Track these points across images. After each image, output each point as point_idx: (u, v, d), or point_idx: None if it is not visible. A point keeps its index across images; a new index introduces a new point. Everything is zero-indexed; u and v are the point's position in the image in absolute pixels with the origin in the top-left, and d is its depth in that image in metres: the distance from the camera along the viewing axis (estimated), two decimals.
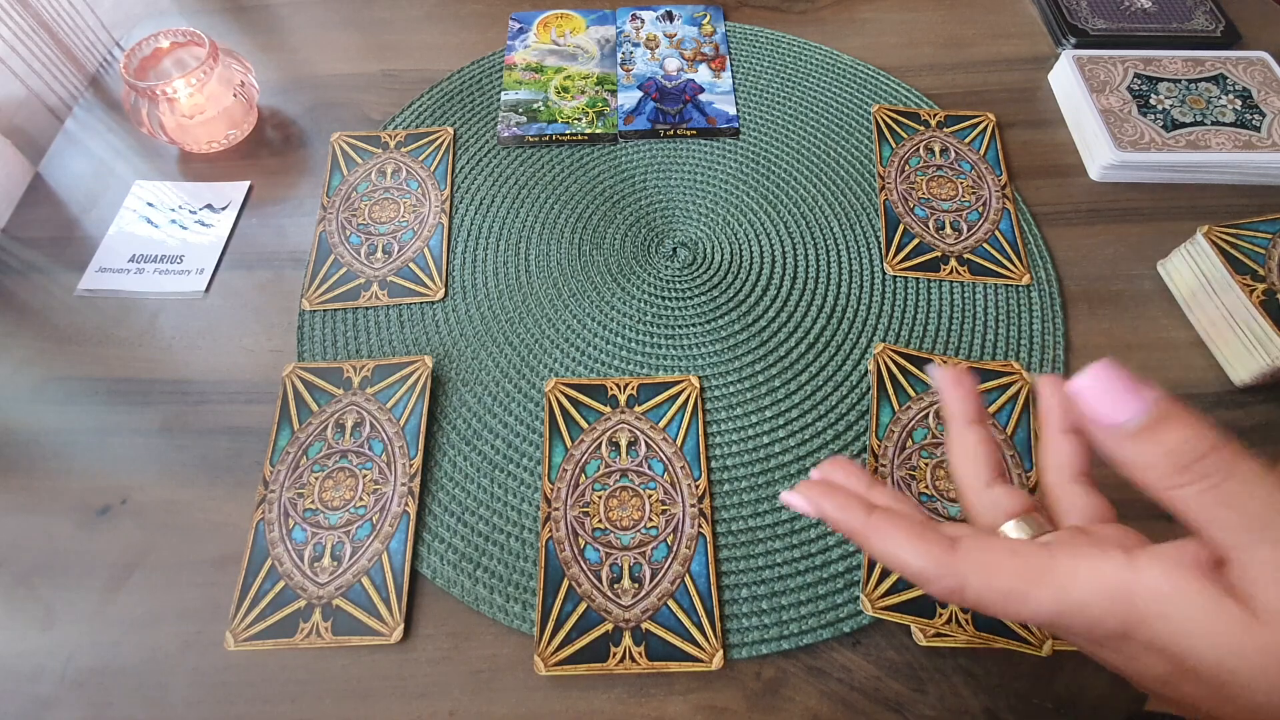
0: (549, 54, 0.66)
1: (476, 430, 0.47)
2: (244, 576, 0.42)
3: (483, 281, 0.53)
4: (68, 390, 0.49)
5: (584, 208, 0.57)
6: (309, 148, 0.61)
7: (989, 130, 0.60)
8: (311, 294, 0.52)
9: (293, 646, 0.40)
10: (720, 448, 0.46)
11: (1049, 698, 0.38)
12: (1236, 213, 0.54)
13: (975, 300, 0.52)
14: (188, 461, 0.46)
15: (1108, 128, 0.56)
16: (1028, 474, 0.44)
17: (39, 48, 0.64)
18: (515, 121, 0.61)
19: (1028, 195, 0.57)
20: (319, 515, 0.43)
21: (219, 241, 0.55)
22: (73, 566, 0.43)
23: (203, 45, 0.57)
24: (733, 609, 0.41)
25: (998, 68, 0.65)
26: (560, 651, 0.39)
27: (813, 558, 0.43)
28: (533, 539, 0.43)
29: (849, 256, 0.54)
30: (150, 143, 0.61)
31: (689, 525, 0.43)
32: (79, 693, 0.39)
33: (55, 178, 0.59)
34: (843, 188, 0.57)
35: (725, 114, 0.62)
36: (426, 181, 0.58)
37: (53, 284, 0.54)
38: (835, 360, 0.49)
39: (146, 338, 0.51)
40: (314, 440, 0.46)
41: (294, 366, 0.49)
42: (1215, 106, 0.58)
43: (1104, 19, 0.66)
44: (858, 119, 0.61)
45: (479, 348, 0.50)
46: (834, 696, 0.39)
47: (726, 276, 0.53)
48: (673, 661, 0.39)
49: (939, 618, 0.40)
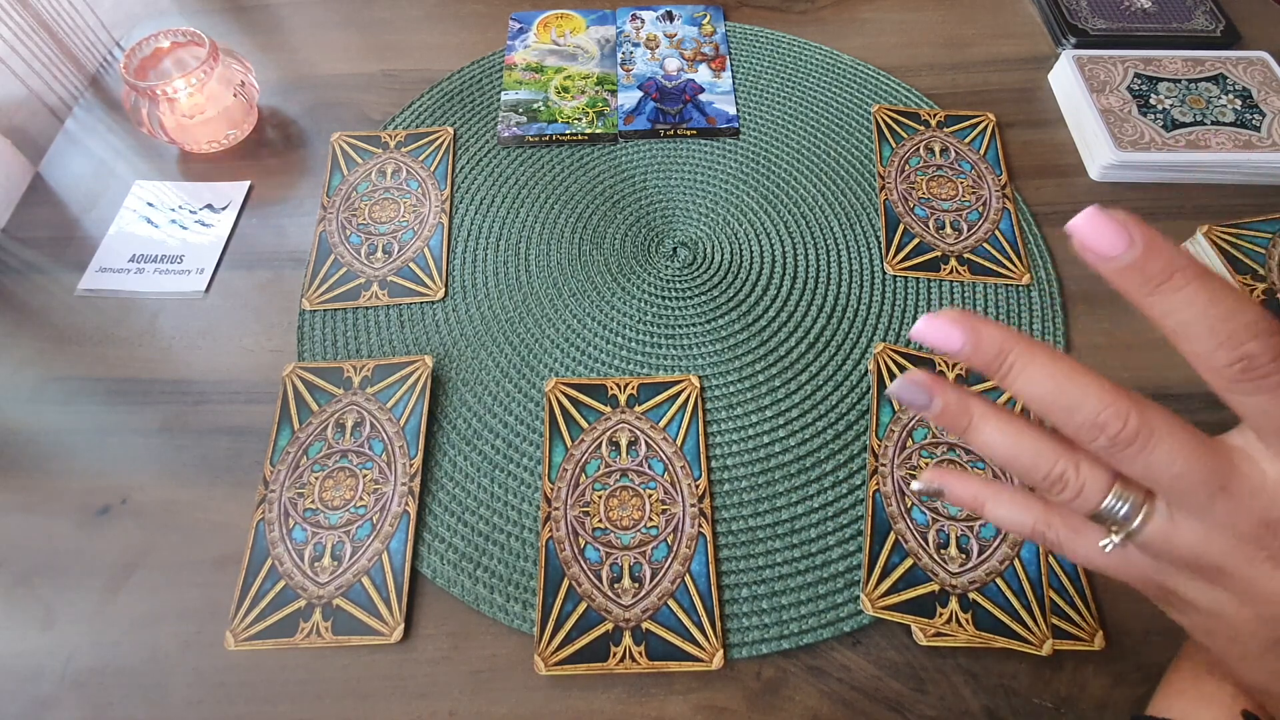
0: (549, 54, 0.66)
1: (476, 430, 0.47)
2: (244, 576, 0.42)
3: (483, 281, 0.53)
4: (68, 390, 0.49)
5: (584, 208, 0.57)
6: (309, 148, 0.61)
7: (989, 130, 0.60)
8: (311, 294, 0.52)
9: (293, 646, 0.40)
10: (720, 447, 0.46)
11: (1049, 698, 0.38)
12: (1236, 213, 0.54)
13: (975, 300, 0.52)
14: (188, 461, 0.46)
15: (1108, 127, 0.56)
16: None
17: (39, 48, 0.64)
18: (515, 121, 0.61)
19: (1028, 195, 0.57)
20: (319, 515, 0.43)
21: (219, 241, 0.55)
22: (73, 566, 0.43)
23: (203, 45, 0.57)
24: (733, 609, 0.41)
25: (998, 68, 0.65)
26: (560, 651, 0.39)
27: (813, 558, 0.43)
28: (533, 539, 0.43)
29: (849, 256, 0.54)
30: (150, 143, 0.61)
31: (689, 525, 0.43)
32: (79, 693, 0.39)
33: (55, 178, 0.59)
34: (843, 188, 0.57)
35: (725, 114, 0.62)
36: (426, 181, 0.58)
37: (53, 284, 0.54)
38: (835, 360, 0.49)
39: (146, 338, 0.51)
40: (314, 440, 0.46)
41: (294, 366, 0.49)
42: (1215, 106, 0.58)
43: (1104, 19, 0.66)
44: (858, 119, 0.61)
45: (479, 348, 0.50)
46: (834, 696, 0.39)
47: (726, 276, 0.53)
48: (673, 661, 0.39)
49: (939, 617, 0.40)
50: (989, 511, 0.26)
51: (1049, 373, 0.21)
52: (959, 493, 0.26)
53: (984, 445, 0.23)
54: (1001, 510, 0.26)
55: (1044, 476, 0.22)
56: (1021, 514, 0.25)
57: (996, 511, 0.26)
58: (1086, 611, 0.40)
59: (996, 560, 0.41)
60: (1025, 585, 0.40)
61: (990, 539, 0.42)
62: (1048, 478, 0.22)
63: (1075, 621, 0.40)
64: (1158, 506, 0.22)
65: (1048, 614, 0.40)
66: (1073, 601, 0.40)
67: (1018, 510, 0.25)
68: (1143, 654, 0.39)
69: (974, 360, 0.22)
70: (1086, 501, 0.22)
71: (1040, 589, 0.40)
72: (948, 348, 0.22)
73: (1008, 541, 0.42)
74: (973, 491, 0.26)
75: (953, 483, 0.26)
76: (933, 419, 0.24)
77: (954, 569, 0.41)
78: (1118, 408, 0.20)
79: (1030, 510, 0.25)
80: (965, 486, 0.26)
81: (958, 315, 0.22)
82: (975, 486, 0.26)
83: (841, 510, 0.44)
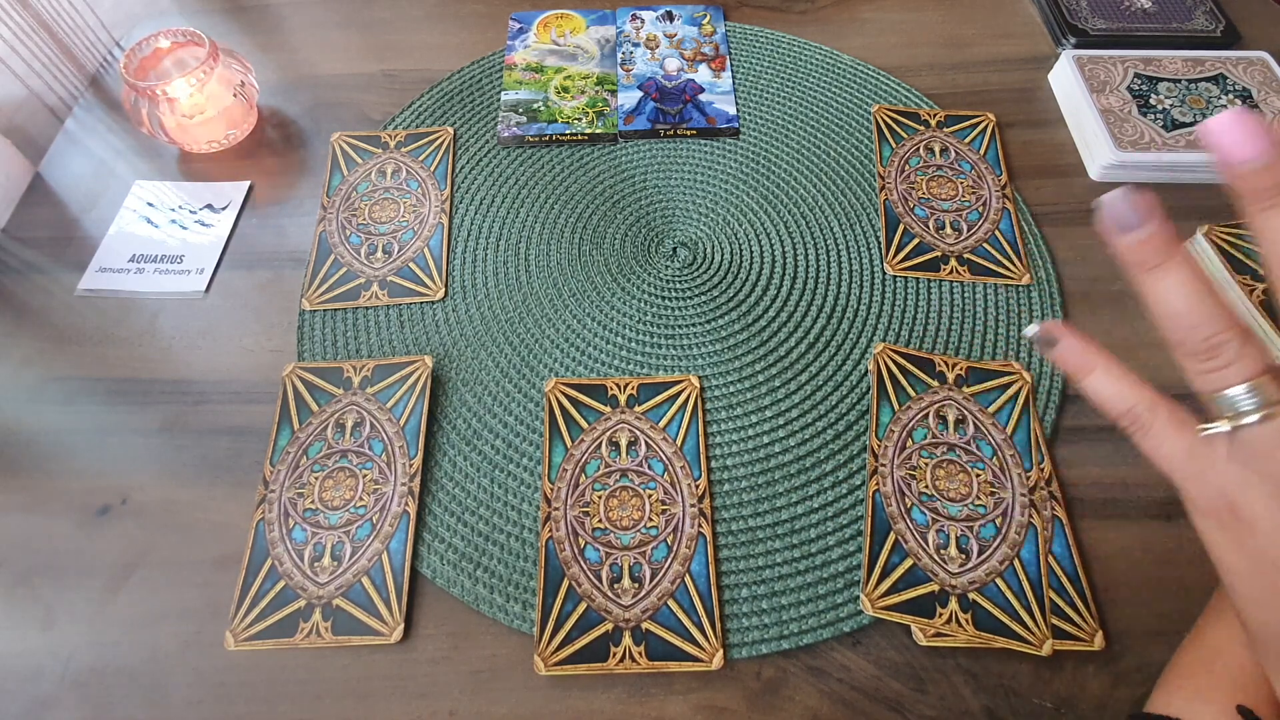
0: (549, 54, 0.66)
1: (476, 430, 0.47)
2: (244, 576, 0.42)
3: (483, 281, 0.53)
4: (68, 390, 0.49)
5: (584, 208, 0.57)
6: (309, 148, 0.61)
7: (989, 130, 0.60)
8: (311, 294, 0.52)
9: (293, 646, 0.40)
10: (720, 448, 0.46)
11: (1049, 698, 0.38)
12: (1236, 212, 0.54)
13: (975, 300, 0.52)
14: (188, 461, 0.46)
15: (1108, 128, 0.56)
16: (1027, 474, 0.44)
17: (39, 48, 0.64)
18: (515, 121, 0.61)
19: (1028, 195, 0.57)
20: (319, 515, 0.43)
21: (219, 241, 0.55)
22: (73, 566, 0.43)
23: (203, 45, 0.57)
24: (733, 609, 0.41)
25: (998, 68, 0.65)
26: (560, 651, 0.39)
27: (813, 558, 0.43)
28: (533, 539, 0.43)
29: (849, 256, 0.54)
30: (150, 143, 0.61)
31: (689, 525, 0.43)
32: (79, 693, 0.39)
33: (55, 178, 0.59)
34: (843, 188, 0.57)
35: (725, 114, 0.62)
36: (426, 181, 0.58)
37: (53, 284, 0.54)
38: (835, 360, 0.49)
39: (146, 338, 0.51)
40: (314, 440, 0.46)
41: (294, 366, 0.49)
42: (1215, 106, 0.58)
43: (1104, 19, 0.66)
44: (858, 119, 0.61)
45: (479, 348, 0.50)
46: (834, 696, 0.39)
47: (726, 276, 0.53)
48: (673, 661, 0.39)
49: (939, 618, 0.40)
50: (1093, 381, 0.25)
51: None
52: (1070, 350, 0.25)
53: (1161, 293, 0.22)
54: (1108, 383, 0.25)
55: (1205, 338, 0.22)
56: (1128, 390, 0.24)
57: (1100, 383, 0.25)
58: (1086, 611, 0.40)
59: (996, 560, 0.41)
60: (1025, 585, 0.40)
61: (990, 539, 0.42)
62: (1208, 340, 0.22)
63: (1075, 621, 0.40)
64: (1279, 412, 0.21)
65: (1048, 614, 0.40)
66: (1073, 601, 0.40)
67: (1126, 387, 0.24)
68: (1143, 654, 0.39)
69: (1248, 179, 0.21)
70: (1228, 376, 0.22)
71: (1040, 589, 0.40)
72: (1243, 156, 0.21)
73: (1007, 542, 0.42)
74: (1084, 355, 0.25)
75: (1068, 338, 0.25)
76: (1129, 248, 0.23)
77: (954, 569, 0.41)
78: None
79: (1138, 391, 0.24)
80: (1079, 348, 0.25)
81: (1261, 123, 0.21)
82: (1091, 352, 0.25)
83: (841, 510, 0.44)
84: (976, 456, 0.44)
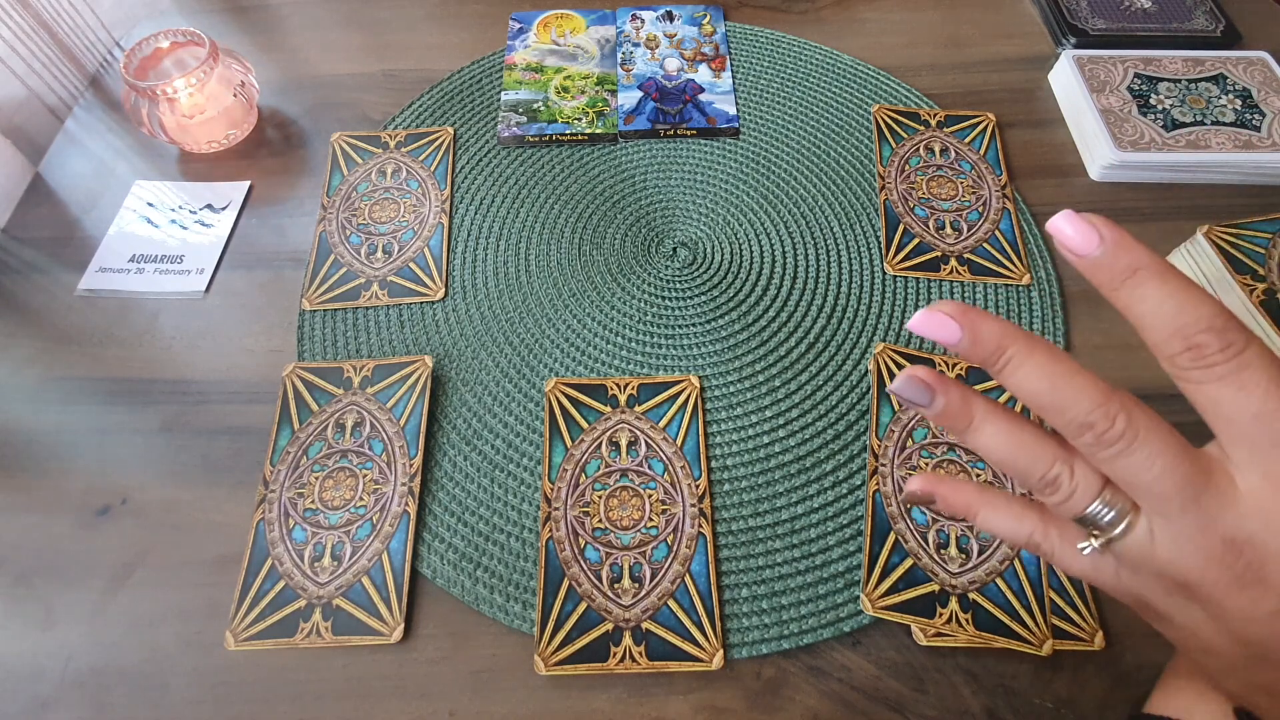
0: (549, 54, 0.66)
1: (476, 430, 0.47)
2: (244, 576, 0.42)
3: (483, 281, 0.53)
4: (68, 390, 0.49)
5: (584, 208, 0.57)
6: (309, 148, 0.61)
7: (989, 130, 0.60)
8: (311, 294, 0.52)
9: (293, 646, 0.40)
10: (720, 448, 0.46)
11: (1049, 698, 0.38)
12: (1236, 212, 0.54)
13: (975, 300, 0.52)
14: (188, 461, 0.46)
15: (1108, 127, 0.56)
16: None
17: (39, 48, 0.64)
18: (515, 121, 0.61)
19: (1028, 195, 0.57)
20: (319, 515, 0.43)
21: (219, 241, 0.55)
22: (73, 566, 0.43)
23: (203, 45, 0.57)
24: (733, 609, 0.41)
25: (998, 68, 0.65)
26: (560, 651, 0.39)
27: (813, 558, 0.43)
28: (533, 539, 0.43)
29: (849, 256, 0.54)
30: (150, 143, 0.61)
31: (689, 525, 0.43)
32: (79, 693, 0.39)
33: (55, 178, 0.59)
34: (843, 188, 0.57)
35: (725, 114, 0.62)
36: (426, 181, 0.58)
37: (53, 284, 0.54)
38: (835, 360, 0.49)
39: (146, 338, 0.51)
40: (314, 440, 0.46)
41: (294, 366, 0.49)
42: (1215, 106, 0.58)
43: (1104, 19, 0.66)
44: (858, 119, 0.61)
45: (479, 348, 0.50)
46: (834, 696, 0.39)
47: (726, 276, 0.53)
48: (673, 661, 0.39)
49: (939, 617, 0.40)
50: (981, 519, 0.26)
51: (1045, 370, 0.21)
52: (951, 501, 0.26)
53: (983, 447, 0.23)
54: (996, 518, 0.25)
55: (1039, 478, 0.23)
56: (1016, 523, 0.25)
57: (990, 519, 0.25)
58: (1086, 611, 0.40)
59: (996, 560, 0.41)
60: (1025, 585, 0.40)
61: (990, 539, 0.42)
62: (1043, 479, 0.22)
63: (1075, 621, 0.40)
64: (1140, 518, 0.22)
65: (1048, 614, 0.40)
66: (1073, 601, 0.40)
67: (1012, 519, 0.25)
68: (1143, 654, 0.39)
69: (971, 355, 0.22)
70: (1075, 504, 0.22)
71: (1040, 589, 0.40)
72: (945, 340, 0.22)
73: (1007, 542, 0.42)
74: (965, 499, 0.26)
75: (945, 490, 0.26)
76: (933, 418, 0.23)
77: (954, 569, 0.41)
78: (1107, 408, 0.21)
79: (1026, 519, 0.25)
80: (957, 494, 0.26)
81: (956, 308, 0.22)
82: (968, 494, 0.26)
83: (841, 510, 0.44)
84: (977, 457, 0.44)
